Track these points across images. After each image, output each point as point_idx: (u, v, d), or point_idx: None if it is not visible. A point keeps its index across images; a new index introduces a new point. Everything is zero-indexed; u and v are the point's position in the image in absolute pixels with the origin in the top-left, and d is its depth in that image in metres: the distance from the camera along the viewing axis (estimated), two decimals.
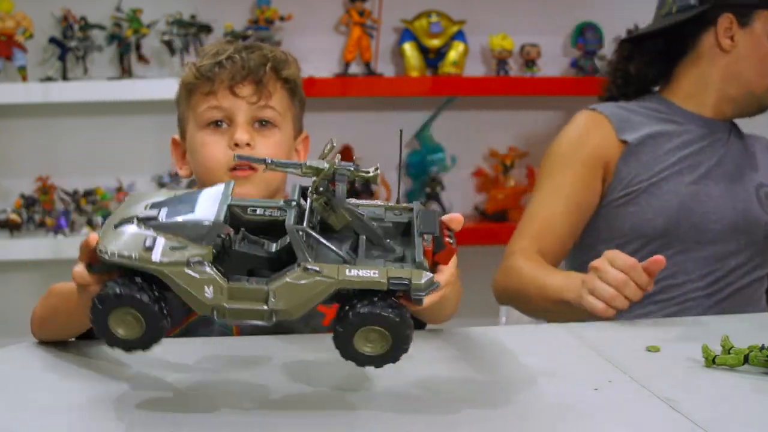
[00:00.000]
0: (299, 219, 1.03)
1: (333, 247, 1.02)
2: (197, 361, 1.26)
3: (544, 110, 2.96)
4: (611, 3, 2.98)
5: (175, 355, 1.25)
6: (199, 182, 1.55)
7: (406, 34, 2.81)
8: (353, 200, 1.09)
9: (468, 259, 2.02)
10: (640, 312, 1.80)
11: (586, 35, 2.89)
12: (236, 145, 1.48)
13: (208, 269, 0.99)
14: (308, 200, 1.06)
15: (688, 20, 1.89)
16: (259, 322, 1.01)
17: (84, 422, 1.07)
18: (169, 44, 2.69)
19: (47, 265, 2.71)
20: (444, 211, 2.83)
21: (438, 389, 1.22)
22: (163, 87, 2.64)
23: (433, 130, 2.87)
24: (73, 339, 1.37)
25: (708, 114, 1.92)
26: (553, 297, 1.65)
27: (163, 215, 1.04)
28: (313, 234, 1.01)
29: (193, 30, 2.69)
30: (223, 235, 1.05)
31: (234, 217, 1.09)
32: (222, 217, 1.03)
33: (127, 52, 2.67)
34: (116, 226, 1.04)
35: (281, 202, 1.10)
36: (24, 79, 2.60)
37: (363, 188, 2.80)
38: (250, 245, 1.07)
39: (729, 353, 1.28)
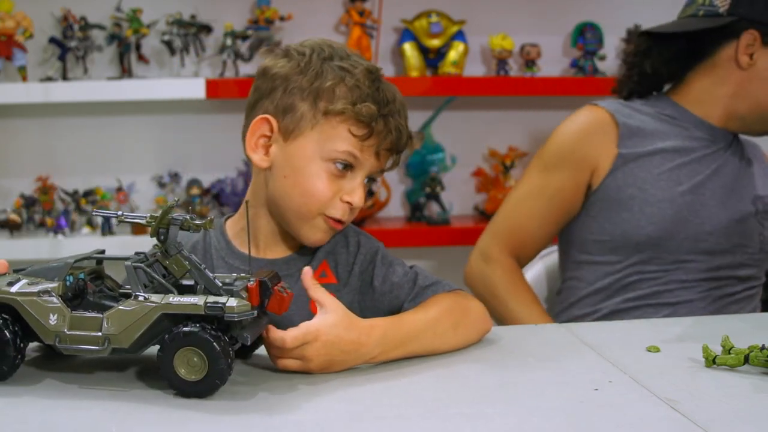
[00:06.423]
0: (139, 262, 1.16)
1: (165, 282, 1.14)
2: None
3: (544, 110, 2.96)
4: (611, 3, 2.98)
5: None
6: (281, 201, 1.41)
7: (406, 34, 2.81)
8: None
9: (467, 259, 2.02)
10: (633, 315, 1.81)
11: (586, 35, 2.88)
12: (347, 202, 1.39)
13: (54, 299, 1.15)
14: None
15: (713, 28, 1.81)
16: (95, 347, 1.14)
17: (84, 421, 1.08)
18: (169, 44, 2.69)
19: None
20: (444, 211, 2.84)
21: (438, 389, 1.22)
22: (163, 87, 2.65)
23: (433, 130, 2.87)
24: None
25: (714, 123, 1.87)
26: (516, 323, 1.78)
27: (29, 270, 1.20)
28: (147, 270, 1.15)
29: (193, 30, 2.69)
30: (86, 280, 1.20)
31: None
32: (71, 261, 1.18)
33: (127, 52, 2.67)
34: None
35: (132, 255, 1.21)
36: (24, 79, 2.60)
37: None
38: (103, 296, 1.22)
39: (729, 353, 1.29)
